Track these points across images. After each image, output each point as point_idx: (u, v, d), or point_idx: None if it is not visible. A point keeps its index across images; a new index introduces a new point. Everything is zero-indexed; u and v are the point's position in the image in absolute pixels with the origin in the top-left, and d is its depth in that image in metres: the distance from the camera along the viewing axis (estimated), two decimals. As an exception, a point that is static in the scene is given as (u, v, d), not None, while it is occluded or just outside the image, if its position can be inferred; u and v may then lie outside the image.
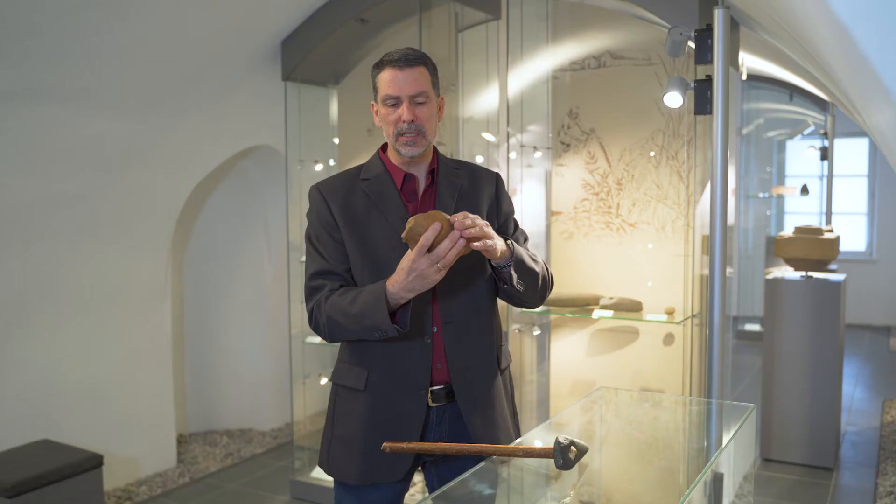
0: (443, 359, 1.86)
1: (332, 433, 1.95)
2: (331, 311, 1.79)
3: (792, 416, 4.28)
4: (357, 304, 1.75)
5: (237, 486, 4.10)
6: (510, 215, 2.02)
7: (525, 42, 3.52)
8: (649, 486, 1.86)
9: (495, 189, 1.99)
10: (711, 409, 2.40)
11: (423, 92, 1.81)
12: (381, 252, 1.83)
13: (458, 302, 1.86)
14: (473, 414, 1.87)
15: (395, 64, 1.80)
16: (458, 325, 1.86)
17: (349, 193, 1.88)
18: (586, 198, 3.43)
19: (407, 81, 1.79)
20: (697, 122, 3.07)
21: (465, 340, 1.87)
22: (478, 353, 1.90)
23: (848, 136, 8.54)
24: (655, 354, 3.30)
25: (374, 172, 1.90)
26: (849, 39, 1.39)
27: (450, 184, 1.91)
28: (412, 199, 1.89)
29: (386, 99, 1.81)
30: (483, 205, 1.94)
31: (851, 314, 7.52)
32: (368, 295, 1.74)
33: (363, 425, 1.87)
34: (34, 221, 3.47)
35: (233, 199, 4.84)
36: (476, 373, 1.89)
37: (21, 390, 3.59)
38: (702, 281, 3.14)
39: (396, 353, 1.84)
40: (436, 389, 1.85)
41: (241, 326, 4.95)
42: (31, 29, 2.81)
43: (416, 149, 1.82)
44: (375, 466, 1.86)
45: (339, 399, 1.94)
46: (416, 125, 1.80)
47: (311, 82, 4.03)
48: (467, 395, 1.86)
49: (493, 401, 1.91)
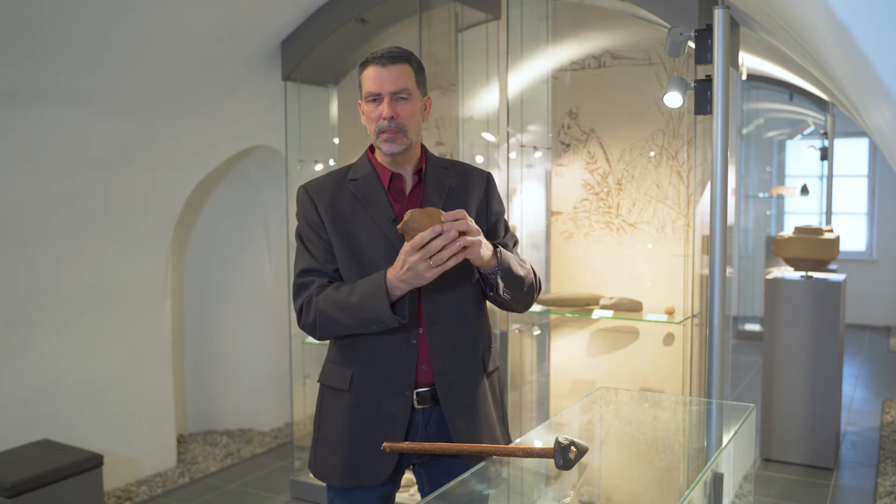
0: (428, 360, 1.83)
1: (318, 434, 1.93)
2: (324, 305, 1.78)
3: (792, 416, 4.28)
4: (355, 295, 1.74)
5: (237, 486, 4.10)
6: (500, 216, 1.99)
7: (525, 42, 3.52)
8: (649, 486, 1.86)
9: (485, 189, 1.96)
10: (711, 409, 2.40)
11: (404, 89, 1.80)
12: (367, 252, 1.82)
13: (445, 303, 1.84)
14: (457, 417, 1.84)
15: (378, 61, 1.80)
16: (443, 327, 1.84)
17: (336, 193, 1.87)
18: (586, 198, 3.43)
19: (389, 78, 1.78)
20: (697, 122, 3.07)
21: (449, 342, 1.84)
22: (462, 356, 1.87)
23: (848, 136, 8.54)
24: (655, 354, 3.30)
25: (362, 172, 1.89)
26: (849, 39, 1.39)
27: (438, 183, 1.89)
28: (399, 199, 1.88)
29: (368, 96, 1.81)
30: (472, 204, 1.91)
31: (851, 314, 7.52)
32: (367, 285, 1.73)
33: (346, 426, 1.85)
34: (34, 221, 3.47)
35: (233, 199, 4.84)
36: (460, 375, 1.86)
37: (21, 390, 3.59)
38: (702, 281, 3.14)
39: (381, 354, 1.82)
40: (421, 391, 1.83)
41: (241, 326, 4.95)
42: (31, 29, 2.81)
43: (396, 146, 1.80)
44: (358, 468, 1.84)
45: (324, 399, 1.93)
46: (396, 122, 1.79)
47: (311, 82, 4.03)
48: (450, 399, 1.84)
49: (477, 405, 1.88)
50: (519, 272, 1.83)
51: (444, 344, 1.84)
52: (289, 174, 3.98)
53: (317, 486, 3.88)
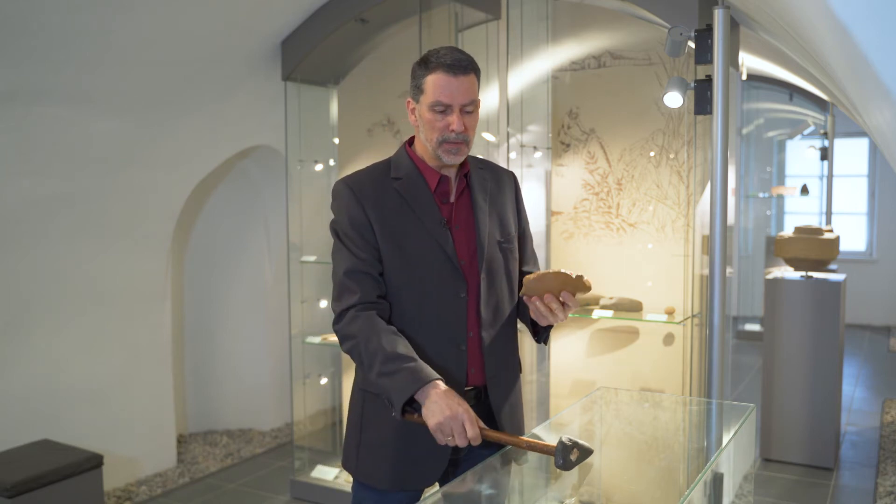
0: (476, 363, 1.85)
1: (360, 438, 1.89)
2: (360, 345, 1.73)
3: (792, 416, 4.28)
4: (387, 367, 1.68)
5: (237, 486, 4.10)
6: (526, 221, 2.03)
7: (525, 42, 3.52)
8: (649, 486, 1.86)
9: (515, 191, 2.00)
10: (711, 409, 2.40)
11: (473, 101, 1.77)
12: (414, 254, 1.80)
13: (498, 311, 1.88)
14: (501, 411, 1.89)
15: (448, 69, 1.73)
16: (496, 332, 1.88)
17: (381, 193, 1.81)
18: (586, 198, 3.43)
19: (460, 90, 1.73)
20: (697, 122, 3.07)
21: (500, 346, 1.89)
22: (508, 357, 1.93)
23: (848, 136, 8.54)
24: (655, 354, 3.30)
25: (405, 171, 1.84)
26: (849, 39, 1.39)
27: (480, 187, 1.90)
28: (445, 201, 1.86)
29: (435, 105, 1.74)
30: (510, 208, 1.95)
31: (851, 314, 7.52)
32: (406, 373, 1.66)
33: (396, 432, 1.81)
34: (34, 221, 3.47)
35: (233, 199, 4.84)
36: (507, 375, 1.92)
37: (21, 390, 3.59)
38: (702, 281, 3.14)
39: (432, 362, 1.78)
40: (467, 391, 1.85)
41: (241, 326, 4.95)
42: (31, 29, 2.81)
43: (459, 157, 1.79)
44: (407, 472, 1.83)
45: (367, 404, 1.87)
46: (464, 135, 1.76)
47: (311, 82, 4.03)
48: (499, 396, 1.89)
49: (517, 402, 1.97)
50: None
51: (495, 348, 1.87)
52: (289, 174, 3.97)
53: (317, 486, 3.88)
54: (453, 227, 1.83)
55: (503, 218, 1.91)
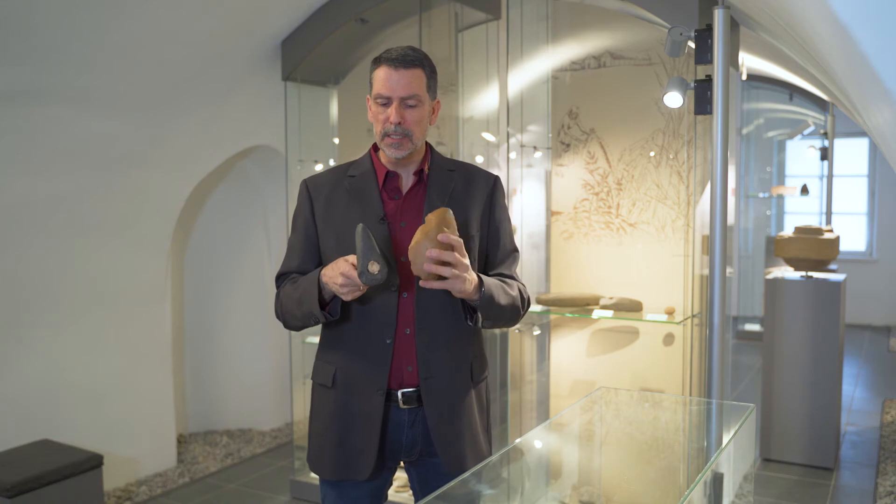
0: (415, 362, 1.83)
1: (311, 428, 1.98)
2: (283, 296, 1.89)
3: (792, 416, 4.28)
4: (298, 289, 1.83)
5: (237, 486, 4.10)
6: (502, 224, 1.95)
7: (525, 42, 3.52)
8: (649, 486, 1.86)
9: (490, 194, 1.94)
10: (711, 409, 2.40)
11: (414, 95, 1.78)
12: (351, 247, 1.80)
13: (437, 307, 1.83)
14: (440, 422, 1.83)
15: (391, 63, 1.77)
16: (432, 331, 1.83)
17: (333, 189, 1.89)
18: (586, 198, 3.43)
19: (400, 83, 1.76)
20: (697, 122, 3.07)
21: (437, 346, 1.84)
22: (450, 362, 1.86)
23: (848, 136, 8.54)
24: (655, 354, 3.30)
25: (361, 169, 1.90)
26: (849, 39, 1.39)
27: (441, 185, 1.88)
28: (395, 197, 1.87)
29: (377, 97, 1.80)
30: (475, 208, 1.89)
31: (851, 314, 7.52)
32: (306, 280, 1.82)
33: (331, 422, 1.89)
34: (34, 221, 3.47)
35: (233, 199, 4.84)
36: (446, 381, 1.85)
37: (21, 390, 3.59)
38: (702, 281, 3.14)
39: (358, 353, 1.84)
40: (407, 392, 1.83)
41: (241, 326, 4.95)
42: (31, 29, 2.81)
43: (400, 151, 1.79)
44: (344, 463, 1.88)
45: (315, 395, 1.97)
46: (402, 128, 1.77)
47: (311, 82, 4.03)
48: (434, 404, 1.83)
49: (462, 412, 1.86)
50: (501, 301, 1.80)
51: (432, 347, 1.83)
52: (289, 174, 3.98)
53: (317, 486, 3.86)
54: (398, 223, 1.84)
55: (464, 217, 1.86)
